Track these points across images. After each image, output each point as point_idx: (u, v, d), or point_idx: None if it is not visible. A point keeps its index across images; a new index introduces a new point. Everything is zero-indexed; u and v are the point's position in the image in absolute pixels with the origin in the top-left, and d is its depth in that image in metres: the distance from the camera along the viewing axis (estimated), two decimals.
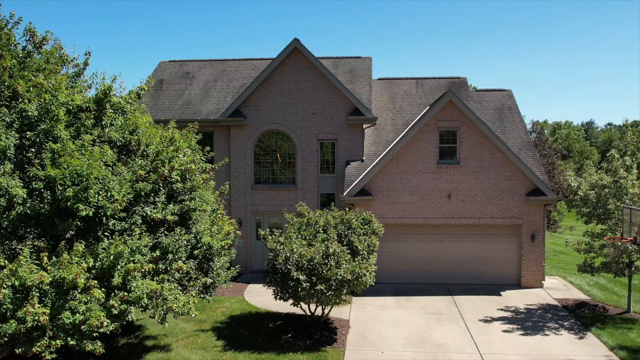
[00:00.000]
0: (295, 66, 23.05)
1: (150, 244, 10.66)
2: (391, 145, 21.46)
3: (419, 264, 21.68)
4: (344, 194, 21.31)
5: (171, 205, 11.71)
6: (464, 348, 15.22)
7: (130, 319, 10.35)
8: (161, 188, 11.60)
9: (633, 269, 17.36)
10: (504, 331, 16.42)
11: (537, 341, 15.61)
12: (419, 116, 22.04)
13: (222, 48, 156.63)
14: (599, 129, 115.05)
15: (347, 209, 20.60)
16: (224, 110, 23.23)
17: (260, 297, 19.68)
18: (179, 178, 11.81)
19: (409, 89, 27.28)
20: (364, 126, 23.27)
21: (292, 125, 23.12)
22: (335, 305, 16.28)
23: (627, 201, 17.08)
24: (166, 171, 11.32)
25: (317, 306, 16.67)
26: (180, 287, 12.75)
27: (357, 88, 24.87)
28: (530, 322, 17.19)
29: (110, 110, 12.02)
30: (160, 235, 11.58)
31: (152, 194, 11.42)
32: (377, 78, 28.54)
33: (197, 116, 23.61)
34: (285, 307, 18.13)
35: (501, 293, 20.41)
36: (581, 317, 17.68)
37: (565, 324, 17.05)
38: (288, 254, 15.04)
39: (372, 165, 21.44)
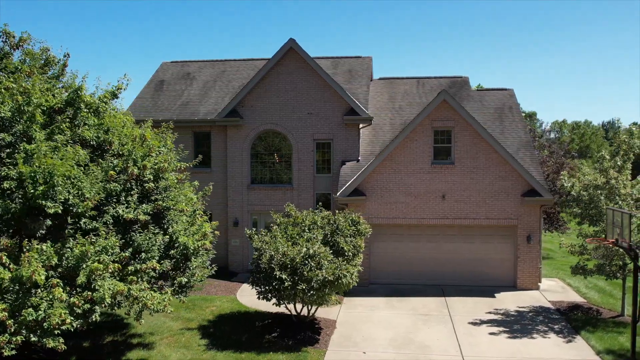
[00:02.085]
0: (291, 66, 23.07)
1: (118, 243, 10.76)
2: (386, 145, 21.35)
3: (413, 265, 21.54)
4: (337, 194, 21.27)
5: (144, 204, 11.82)
6: (448, 350, 15.08)
7: (95, 319, 10.46)
8: (133, 187, 11.73)
9: (627, 271, 16.99)
10: (491, 333, 16.23)
11: (522, 344, 15.39)
12: (414, 116, 21.87)
13: (228, 49, 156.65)
14: (621, 129, 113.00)
15: (339, 209, 20.59)
16: (221, 111, 23.36)
17: (252, 297, 19.70)
18: (151, 177, 11.90)
19: (410, 88, 27.09)
20: (360, 126, 23.20)
21: (288, 125, 23.15)
22: (322, 305, 16.26)
23: (620, 202, 16.74)
24: (136, 170, 11.43)
25: (303, 306, 16.68)
26: (156, 286, 12.88)
27: (354, 88, 24.80)
28: (519, 324, 16.95)
29: (85, 110, 12.17)
30: (133, 234, 11.68)
31: (124, 194, 11.54)
32: (378, 78, 28.42)
33: (195, 116, 23.80)
34: (275, 307, 18.13)
35: (495, 295, 20.16)
36: (573, 320, 17.38)
37: (555, 327, 16.77)
38: (272, 254, 15.08)
39: (366, 165, 21.37)
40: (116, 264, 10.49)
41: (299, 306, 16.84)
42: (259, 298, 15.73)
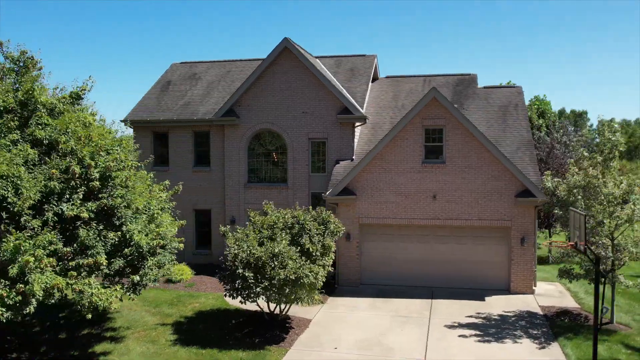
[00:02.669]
0: (286, 65, 23.12)
1: (55, 238, 11.13)
2: (376, 144, 21.10)
3: (404, 266, 21.18)
4: (327, 193, 21.17)
5: (89, 202, 12.14)
6: (412, 353, 14.76)
7: (29, 311, 10.84)
8: (79, 186, 12.08)
9: (611, 276, 16.14)
10: (464, 337, 15.77)
11: (493, 349, 14.89)
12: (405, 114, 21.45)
13: (241, 51, 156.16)
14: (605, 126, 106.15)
15: (329, 209, 20.49)
16: (218, 110, 23.67)
17: None
18: (97, 176, 12.21)
19: (415, 86, 26.63)
20: (356, 125, 22.98)
21: (283, 125, 23.21)
22: (293, 304, 16.26)
23: (605, 203, 15.92)
24: (77, 169, 11.76)
25: (276, 305, 16.71)
26: (107, 282, 13.21)
27: (353, 87, 24.61)
28: (497, 329, 16.40)
29: (42, 110, 12.63)
30: (78, 231, 12.02)
31: (69, 192, 11.90)
32: (385, 76, 28.11)
33: (194, 116, 24.22)
34: (255, 305, 18.16)
35: (485, 298, 19.56)
36: (557, 326, 16.68)
37: (535, 332, 16.13)
38: (236, 252, 15.22)
39: (355, 164, 21.19)
40: (51, 258, 10.84)
41: (273, 305, 16.88)
42: (225, 296, 15.91)
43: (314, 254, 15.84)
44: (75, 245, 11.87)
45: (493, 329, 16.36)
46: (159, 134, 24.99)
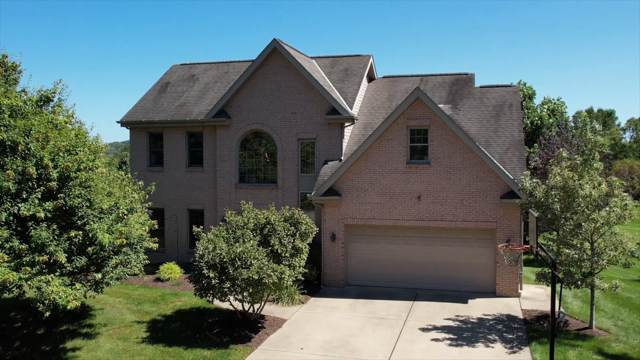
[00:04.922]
0: (276, 66, 23.21)
1: (6, 234, 11.47)
2: (360, 144, 21.00)
3: (390, 267, 21.04)
4: (312, 194, 21.17)
5: (47, 202, 12.43)
6: (376, 355, 14.65)
7: None
8: (36, 186, 12.39)
9: (591, 280, 15.69)
10: (435, 340, 15.57)
11: (461, 352, 14.66)
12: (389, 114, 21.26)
13: (246, 51, 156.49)
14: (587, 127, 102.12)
15: (317, 209, 20.48)
16: (210, 111, 23.91)
17: None
18: (56, 176, 12.50)
19: (412, 87, 26.28)
20: (345, 125, 22.91)
21: (273, 125, 23.31)
22: (275, 303, 16.50)
23: (582, 205, 15.50)
24: (32, 170, 12.07)
25: (250, 305, 16.79)
26: (71, 279, 13.49)
27: (345, 87, 24.55)
28: (471, 332, 16.14)
29: (7, 112, 12.99)
30: (33, 229, 12.32)
31: (25, 192, 12.20)
32: (382, 76, 27.95)
33: (188, 117, 24.51)
34: (236, 305, 18.27)
35: (468, 301, 19.27)
36: (533, 330, 16.32)
37: (509, 336, 15.81)
38: (201, 253, 15.38)
39: (340, 164, 21.12)
40: (2, 253, 11.17)
41: (247, 304, 16.96)
42: (195, 294, 16.06)
43: (282, 254, 15.86)
44: (32, 243, 12.16)
45: (468, 333, 16.10)
46: (154, 134, 25.39)
